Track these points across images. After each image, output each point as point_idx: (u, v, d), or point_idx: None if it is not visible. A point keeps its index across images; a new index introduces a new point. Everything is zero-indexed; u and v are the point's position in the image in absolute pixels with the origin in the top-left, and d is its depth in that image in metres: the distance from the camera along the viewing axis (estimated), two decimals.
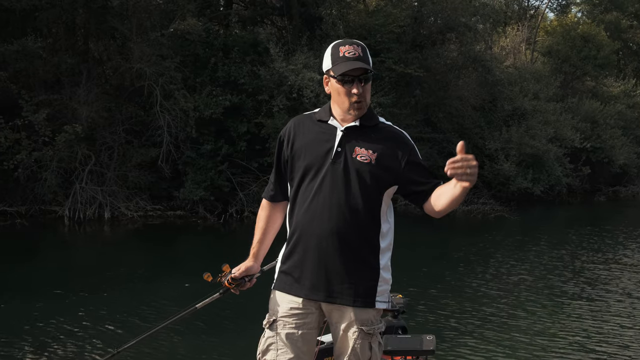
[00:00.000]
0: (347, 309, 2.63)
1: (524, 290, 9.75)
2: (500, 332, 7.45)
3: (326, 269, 2.62)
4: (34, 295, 8.59)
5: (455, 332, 7.39)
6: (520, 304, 8.87)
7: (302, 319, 2.68)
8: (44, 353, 6.33)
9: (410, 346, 3.60)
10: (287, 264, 2.72)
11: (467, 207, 20.28)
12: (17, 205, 15.48)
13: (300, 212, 2.68)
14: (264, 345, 2.72)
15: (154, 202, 16.62)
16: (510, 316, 8.17)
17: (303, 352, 2.69)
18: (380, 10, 21.71)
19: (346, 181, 2.61)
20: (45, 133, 15.22)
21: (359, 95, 2.60)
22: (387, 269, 2.71)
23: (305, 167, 2.68)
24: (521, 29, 30.25)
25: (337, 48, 2.65)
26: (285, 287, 2.72)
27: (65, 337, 6.88)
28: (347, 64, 2.58)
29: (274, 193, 2.87)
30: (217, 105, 16.36)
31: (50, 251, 13.02)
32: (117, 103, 17.03)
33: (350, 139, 2.65)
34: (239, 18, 20.26)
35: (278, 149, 2.82)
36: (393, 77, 19.68)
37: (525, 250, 13.64)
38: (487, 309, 8.46)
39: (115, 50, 17.72)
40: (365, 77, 2.62)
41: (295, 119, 2.85)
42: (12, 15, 16.63)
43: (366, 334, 2.64)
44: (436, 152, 21.38)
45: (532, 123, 22.89)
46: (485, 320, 7.97)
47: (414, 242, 14.74)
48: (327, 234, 2.60)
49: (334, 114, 2.70)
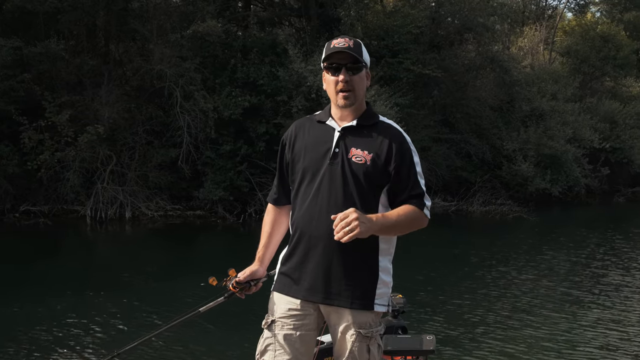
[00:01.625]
0: (344, 311, 2.62)
1: (530, 292, 9.62)
2: (501, 333, 7.41)
3: (324, 270, 2.61)
4: (55, 293, 8.74)
5: (455, 332, 7.35)
6: (525, 306, 8.75)
7: (301, 320, 2.67)
8: (61, 349, 6.46)
9: (410, 346, 3.59)
10: (287, 266, 2.72)
11: (485, 208, 20.27)
12: (41, 204, 15.74)
13: (299, 214, 2.69)
14: (262, 345, 2.72)
15: (173, 202, 16.82)
16: (512, 317, 8.09)
17: (301, 353, 2.67)
18: (398, 11, 21.75)
19: (343, 182, 2.60)
20: (67, 134, 15.46)
21: (344, 82, 2.59)
22: (387, 271, 2.68)
23: (304, 168, 2.69)
24: (539, 29, 30.10)
25: (329, 42, 2.68)
26: (284, 288, 2.72)
27: (84, 333, 7.03)
28: (334, 51, 2.62)
29: (278, 196, 2.87)
30: (236, 106, 16.50)
31: (72, 250, 13.25)
32: (137, 104, 17.24)
33: (347, 140, 2.64)
34: (258, 19, 20.39)
35: (280, 153, 2.83)
36: (411, 77, 19.70)
37: (540, 251, 13.55)
38: (489, 310, 8.42)
39: (136, 52, 17.93)
40: (354, 67, 2.62)
41: (296, 121, 2.87)
42: (36, 18, 16.92)
43: (364, 336, 2.61)
44: (454, 153, 21.40)
45: (551, 124, 22.78)
46: (486, 320, 7.92)
47: (430, 242, 14.75)
48: (325, 235, 2.58)
49: (333, 114, 2.71)
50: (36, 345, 6.66)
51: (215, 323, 7.28)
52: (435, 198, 20.81)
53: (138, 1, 17.60)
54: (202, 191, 16.51)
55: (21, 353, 6.44)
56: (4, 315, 7.73)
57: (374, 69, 18.90)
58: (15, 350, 6.51)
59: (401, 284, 9.64)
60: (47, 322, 7.39)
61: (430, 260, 12.31)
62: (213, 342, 6.86)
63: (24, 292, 8.92)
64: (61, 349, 6.52)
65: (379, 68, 19.27)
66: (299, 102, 16.39)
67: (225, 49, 17.63)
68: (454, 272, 11.16)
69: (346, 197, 2.58)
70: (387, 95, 17.91)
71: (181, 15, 18.33)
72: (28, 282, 9.69)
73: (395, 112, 17.49)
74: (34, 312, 7.85)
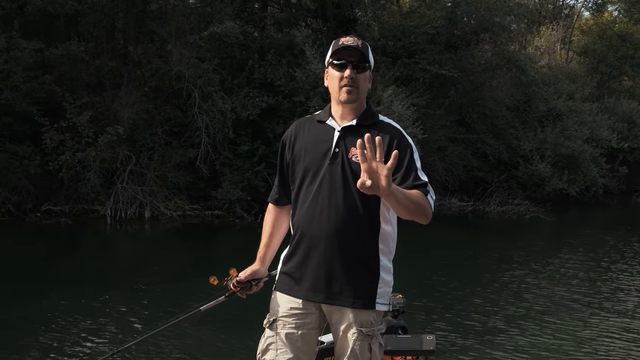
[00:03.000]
0: (346, 310, 2.63)
1: (541, 295, 9.40)
2: (501, 333, 7.37)
3: (325, 270, 2.62)
4: (74, 291, 8.86)
5: (455, 332, 7.32)
6: (533, 309, 8.56)
7: (302, 319, 2.68)
8: (76, 345, 6.57)
9: (410, 346, 3.60)
10: (288, 265, 2.73)
11: (501, 208, 20.25)
12: (61, 204, 15.96)
13: (300, 214, 2.69)
14: (263, 344, 2.73)
15: (191, 202, 16.98)
16: (518, 319, 7.99)
17: (302, 352, 2.68)
18: (414, 11, 21.79)
19: (344, 182, 2.60)
20: (88, 134, 15.67)
21: (349, 78, 2.60)
22: (388, 270, 2.69)
23: (304, 168, 2.69)
24: (556, 28, 29.96)
25: (338, 40, 2.69)
26: (285, 288, 2.73)
27: (100, 330, 7.13)
28: (343, 47, 2.63)
29: (278, 196, 2.88)
30: (254, 107, 16.63)
31: (92, 249, 13.43)
32: (155, 105, 17.43)
33: (347, 139, 2.64)
34: (275, 20, 20.50)
35: (280, 153, 2.83)
36: (427, 78, 19.73)
37: (555, 253, 13.37)
38: (496, 311, 8.34)
39: (154, 53, 18.12)
40: (360, 66, 2.62)
41: (297, 121, 2.87)
42: (57, 20, 17.17)
43: (365, 335, 2.62)
44: (470, 153, 21.39)
45: (568, 124, 22.69)
46: (491, 322, 7.88)
47: (446, 242, 14.80)
48: (326, 235, 2.60)
49: (333, 113, 2.71)
50: (54, 340, 6.77)
51: (216, 322, 7.31)
52: (452, 198, 20.82)
53: (156, 3, 17.80)
54: (220, 191, 16.65)
55: (39, 348, 6.57)
56: (24, 311, 7.85)
57: (390, 69, 18.97)
58: (34, 345, 6.63)
59: (410, 284, 9.72)
60: (65, 319, 7.48)
61: (443, 261, 12.30)
62: (215, 341, 6.86)
63: (45, 290, 9.04)
64: (76, 345, 6.62)
65: (396, 68, 19.33)
66: (316, 103, 16.47)
67: (243, 50, 17.76)
68: (465, 273, 11.09)
69: (347, 196, 2.59)
70: (404, 95, 17.95)
71: (199, 16, 18.48)
72: (49, 280, 9.83)
73: (412, 112, 17.54)
74: (54, 309, 7.97)
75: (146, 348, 6.33)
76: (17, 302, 8.31)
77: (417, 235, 15.68)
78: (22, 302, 8.35)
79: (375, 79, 18.24)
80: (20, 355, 6.36)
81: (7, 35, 14.83)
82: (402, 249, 10.25)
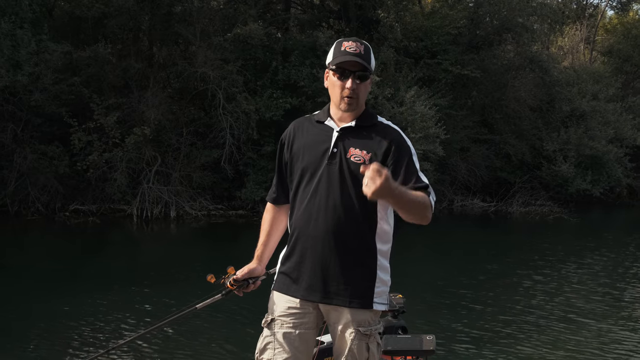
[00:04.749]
0: (343, 310, 2.62)
1: (555, 297, 9.26)
2: (501, 333, 7.34)
3: (322, 269, 2.62)
4: (101, 289, 9.05)
5: (455, 332, 7.31)
6: (535, 310, 8.48)
7: (300, 319, 2.68)
8: (99, 340, 6.72)
9: (410, 346, 3.61)
10: (286, 265, 2.74)
11: (524, 209, 20.21)
12: (89, 204, 16.27)
13: (297, 214, 2.70)
14: (261, 344, 2.73)
15: (215, 202, 17.19)
16: (516, 319, 7.93)
17: (300, 351, 2.68)
18: (436, 12, 21.80)
19: (341, 182, 2.60)
20: (115, 135, 15.95)
21: (351, 90, 2.59)
22: (386, 270, 2.68)
23: (302, 168, 2.69)
24: (580, 28, 29.73)
25: (340, 44, 2.65)
26: (283, 287, 2.73)
27: (121, 327, 7.28)
28: (345, 57, 2.60)
29: (277, 196, 2.87)
30: (277, 108, 16.79)
31: (119, 248, 13.66)
32: (180, 106, 17.67)
33: (345, 140, 2.64)
34: (298, 22, 20.66)
35: (279, 152, 2.83)
36: (450, 78, 19.76)
37: (576, 254, 13.22)
38: (493, 311, 8.32)
39: (179, 55, 18.37)
40: (361, 75, 2.61)
41: (295, 121, 2.86)
42: (84, 23, 17.50)
43: (363, 335, 2.62)
44: (493, 154, 21.35)
45: (592, 124, 22.54)
46: (488, 321, 7.85)
47: (468, 242, 14.82)
48: (323, 235, 2.60)
49: (332, 114, 2.71)
50: (79, 335, 6.95)
51: (214, 321, 7.35)
52: (475, 199, 20.81)
53: (181, 5, 18.05)
54: (244, 191, 16.83)
55: (68, 340, 6.75)
56: (54, 307, 8.04)
57: (413, 70, 19.02)
58: (64, 338, 6.82)
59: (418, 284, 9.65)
60: (90, 316, 7.64)
61: (460, 261, 12.31)
62: (212, 340, 6.89)
63: (73, 287, 9.27)
64: (98, 337, 6.79)
65: (418, 69, 19.37)
66: None
67: (267, 52, 17.93)
68: (479, 273, 11.02)
69: (344, 196, 2.59)
70: (427, 96, 18.00)
71: (223, 18, 18.69)
72: (77, 277, 10.04)
73: (434, 113, 17.59)
74: (81, 305, 8.15)
75: (142, 345, 6.39)
76: (47, 298, 8.51)
77: (439, 235, 15.77)
78: (51, 298, 8.54)
79: (397, 80, 18.37)
80: (50, 346, 6.57)
81: (37, 39, 15.14)
82: (423, 250, 10.32)
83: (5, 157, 15.83)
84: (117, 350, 5.86)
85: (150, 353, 6.33)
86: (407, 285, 9.23)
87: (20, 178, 15.77)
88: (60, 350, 6.48)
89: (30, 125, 16.00)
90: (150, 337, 6.50)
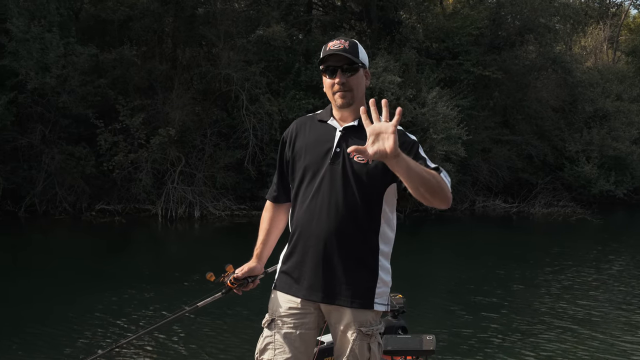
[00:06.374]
0: (345, 310, 2.60)
1: (566, 300, 9.08)
2: (501, 333, 7.30)
3: (324, 269, 2.60)
4: (128, 286, 9.19)
5: (455, 332, 7.28)
6: (541, 312, 8.35)
7: (301, 319, 2.66)
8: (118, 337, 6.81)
9: (410, 346, 3.59)
10: (287, 264, 2.71)
11: (546, 210, 20.13)
12: (114, 203, 16.52)
13: (299, 213, 2.67)
14: (261, 344, 2.71)
15: (238, 202, 17.36)
16: (516, 319, 7.88)
17: (300, 351, 2.66)
18: (457, 12, 21.82)
19: (344, 182, 2.57)
20: (140, 136, 16.20)
21: (340, 84, 2.58)
22: (387, 271, 2.66)
23: (305, 167, 2.66)
24: (603, 27, 29.50)
25: (326, 46, 2.66)
26: (284, 287, 2.70)
27: (144, 325, 7.36)
28: (329, 54, 2.60)
29: (277, 194, 2.86)
30: (300, 109, 16.91)
31: (144, 247, 13.89)
32: (203, 107, 17.87)
33: (348, 139, 2.60)
34: (320, 23, 20.78)
35: (280, 150, 2.81)
36: (471, 79, 19.76)
37: (596, 257, 13.02)
38: (495, 312, 8.26)
39: (203, 57, 18.58)
40: (350, 69, 2.59)
41: (297, 120, 2.84)
42: (110, 25, 17.78)
43: (364, 335, 2.60)
44: (515, 155, 21.29)
45: (615, 124, 22.41)
46: (488, 321, 7.81)
47: (485, 243, 14.81)
48: (325, 234, 2.58)
49: (334, 114, 2.69)
50: (103, 331, 7.10)
51: (215, 321, 7.37)
52: (496, 200, 20.77)
53: (205, 7, 18.26)
54: (267, 191, 16.90)
55: (94, 335, 6.89)
56: (77, 305, 8.19)
57: (434, 71, 19.05)
58: (91, 333, 6.98)
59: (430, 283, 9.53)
60: (110, 313, 7.77)
61: (475, 261, 12.28)
62: (213, 340, 6.89)
63: (99, 284, 9.43)
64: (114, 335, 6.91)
65: (440, 70, 19.40)
66: None
67: (289, 53, 18.08)
68: (492, 274, 10.95)
69: (347, 196, 2.57)
70: (449, 97, 18.03)
71: (246, 20, 18.88)
72: (103, 275, 10.20)
73: (456, 114, 17.61)
74: (106, 302, 8.28)
75: (144, 344, 6.46)
76: (73, 295, 8.69)
77: (459, 236, 15.78)
78: (77, 295, 8.72)
79: (419, 81, 18.41)
80: (73, 341, 6.71)
81: (65, 42, 15.44)
82: (441, 250, 10.29)
83: (34, 157, 16.16)
84: (119, 349, 5.90)
85: (149, 352, 6.37)
86: (412, 285, 9.35)
87: (48, 178, 16.08)
88: (81, 345, 6.62)
89: (58, 126, 16.30)
90: (150, 335, 6.52)
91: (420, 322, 7.33)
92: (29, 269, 10.53)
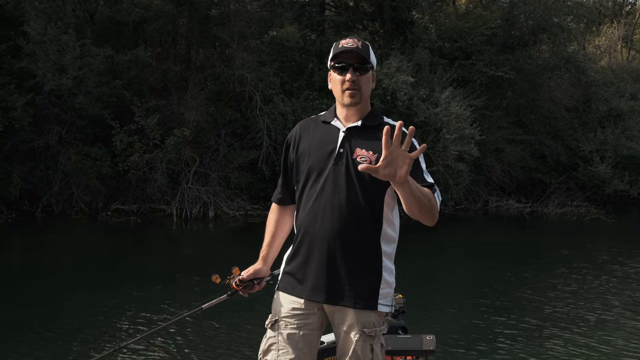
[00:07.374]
0: (348, 311, 2.62)
1: (574, 300, 9.01)
2: (505, 334, 7.29)
3: (328, 270, 2.61)
4: (143, 285, 9.32)
5: (455, 332, 7.28)
6: (542, 313, 8.31)
7: (304, 320, 2.67)
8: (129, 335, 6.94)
9: (410, 346, 3.61)
10: (291, 265, 2.72)
11: (560, 210, 20.07)
12: (130, 204, 16.67)
13: (303, 214, 2.68)
14: (265, 345, 2.72)
15: (252, 202, 17.46)
16: (521, 320, 7.85)
17: (304, 352, 2.67)
18: (470, 12, 21.80)
19: (348, 182, 2.59)
20: (155, 137, 16.34)
21: (351, 81, 2.60)
22: (390, 271, 2.68)
23: (309, 168, 2.67)
24: (617, 26, 29.35)
25: (338, 42, 2.69)
26: (288, 288, 2.72)
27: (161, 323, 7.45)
28: (343, 51, 2.63)
29: (282, 196, 2.87)
30: (314, 109, 16.96)
31: (160, 247, 14.02)
32: (217, 107, 17.99)
33: (351, 140, 2.63)
34: (333, 24, 20.85)
35: (284, 152, 2.82)
36: (484, 79, 19.74)
37: (608, 258, 12.85)
38: (496, 313, 8.25)
39: (217, 58, 18.70)
40: (361, 67, 2.63)
41: (301, 122, 2.86)
42: (125, 27, 17.95)
43: (367, 335, 2.61)
44: (528, 154, 21.24)
45: (630, 124, 22.29)
46: (492, 322, 7.80)
47: (497, 243, 14.76)
48: (329, 235, 2.59)
49: (338, 114, 2.71)
50: (117, 329, 7.21)
51: (218, 321, 7.41)
52: (509, 200, 20.74)
53: (218, 9, 18.38)
54: None
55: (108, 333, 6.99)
56: (93, 303, 8.30)
57: (447, 71, 19.06)
58: (105, 331, 7.10)
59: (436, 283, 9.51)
60: (131, 311, 7.89)
61: (485, 261, 12.26)
62: (216, 340, 6.93)
63: (114, 283, 9.55)
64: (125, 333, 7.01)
65: (453, 70, 19.40)
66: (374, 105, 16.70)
67: (303, 54, 18.17)
68: (501, 274, 10.90)
69: (350, 197, 2.59)
70: (462, 97, 18.03)
71: (260, 21, 18.98)
72: (118, 275, 10.33)
73: (469, 114, 17.61)
74: (121, 301, 8.39)
75: (148, 345, 6.51)
76: (89, 294, 8.78)
77: (472, 236, 15.76)
78: (94, 294, 8.83)
79: (432, 81, 18.43)
80: (85, 338, 6.84)
81: (80, 43, 15.61)
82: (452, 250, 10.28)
83: (50, 158, 16.34)
84: (125, 350, 5.95)
85: (152, 353, 6.43)
86: (419, 285, 9.37)
87: (65, 178, 16.26)
88: (94, 342, 6.71)
89: (74, 127, 16.48)
90: (155, 337, 6.58)
91: (424, 322, 7.35)
92: (46, 268, 10.66)
